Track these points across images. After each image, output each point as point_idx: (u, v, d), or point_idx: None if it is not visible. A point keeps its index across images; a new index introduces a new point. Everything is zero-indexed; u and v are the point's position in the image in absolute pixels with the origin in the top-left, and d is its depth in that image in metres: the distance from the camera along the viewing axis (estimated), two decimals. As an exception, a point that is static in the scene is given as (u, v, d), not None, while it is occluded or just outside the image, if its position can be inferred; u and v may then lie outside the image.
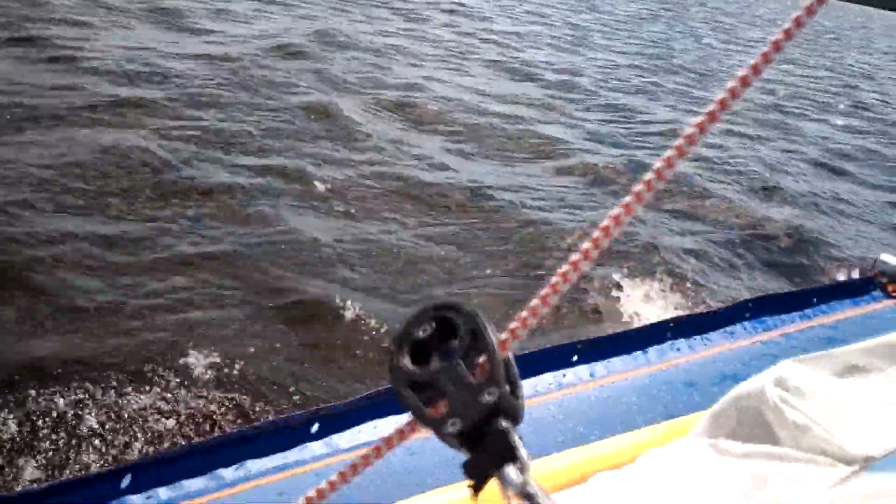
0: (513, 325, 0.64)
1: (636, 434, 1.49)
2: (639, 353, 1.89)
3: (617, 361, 1.85)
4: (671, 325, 1.95)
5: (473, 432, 0.61)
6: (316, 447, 1.54)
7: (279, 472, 1.44)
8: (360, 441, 1.56)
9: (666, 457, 1.19)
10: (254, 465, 1.42)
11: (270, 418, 2.70)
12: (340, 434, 1.58)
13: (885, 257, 2.25)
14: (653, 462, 1.19)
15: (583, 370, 1.81)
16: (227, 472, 1.39)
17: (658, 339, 1.93)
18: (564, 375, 1.79)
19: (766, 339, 1.95)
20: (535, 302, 0.64)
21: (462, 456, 0.62)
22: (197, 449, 1.47)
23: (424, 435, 0.64)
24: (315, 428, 1.55)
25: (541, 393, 1.73)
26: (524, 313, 0.64)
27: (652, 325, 1.96)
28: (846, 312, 2.09)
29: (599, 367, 1.83)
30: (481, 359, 0.62)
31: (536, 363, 1.78)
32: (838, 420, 1.19)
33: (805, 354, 1.47)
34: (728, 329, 1.99)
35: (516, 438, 0.60)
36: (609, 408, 1.71)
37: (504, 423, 0.61)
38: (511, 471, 0.59)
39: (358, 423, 1.59)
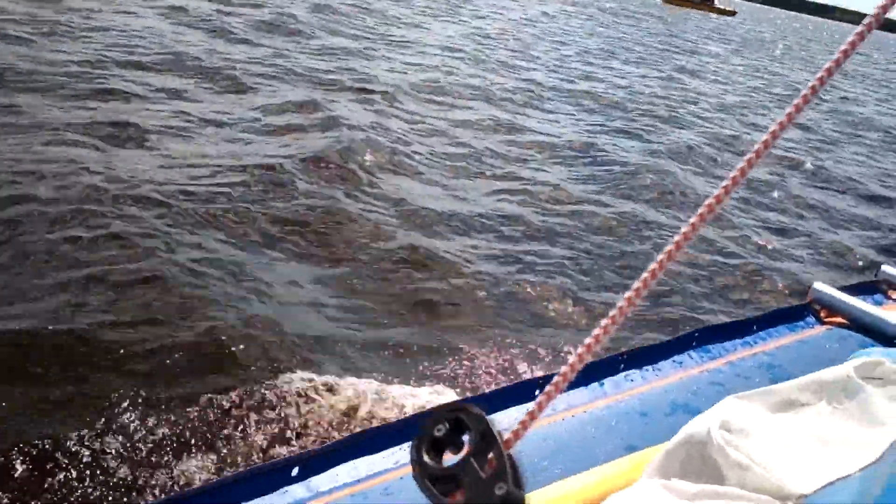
0: (516, 427, 0.77)
1: (598, 471, 1.61)
2: (595, 384, 2.01)
3: (577, 394, 1.97)
4: (624, 356, 2.08)
5: None
6: (297, 490, 1.62)
7: None
8: (340, 482, 1.65)
9: (628, 500, 1.31)
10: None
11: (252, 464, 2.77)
12: (320, 476, 1.66)
13: (818, 285, 2.43)
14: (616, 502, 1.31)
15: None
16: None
17: (612, 370, 2.05)
18: (524, 411, 1.89)
19: (712, 368, 2.09)
20: (533, 406, 0.76)
21: None
22: (177, 499, 1.53)
23: None
24: (295, 471, 1.63)
25: (506, 429, 1.83)
26: (525, 417, 0.76)
27: (607, 357, 2.09)
28: (784, 339, 2.25)
29: (559, 401, 1.94)
30: (490, 455, 0.74)
31: (501, 399, 1.88)
32: (776, 458, 1.34)
33: (746, 391, 1.62)
34: (677, 359, 2.13)
35: None
36: (571, 442, 1.82)
37: None
38: None
39: (337, 465, 1.68)
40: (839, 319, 2.34)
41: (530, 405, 0.76)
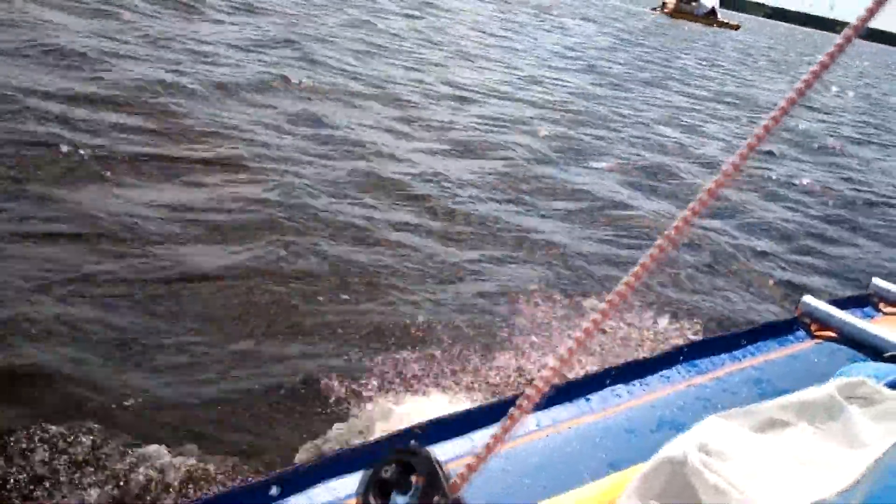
0: (461, 470, 0.75)
1: (579, 492, 1.59)
2: (581, 400, 1.99)
3: (562, 410, 1.94)
4: (612, 372, 2.06)
5: None
6: None
7: None
8: (318, 502, 1.63)
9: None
10: None
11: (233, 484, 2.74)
12: (298, 496, 1.64)
13: (808, 299, 2.41)
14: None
15: (530, 420, 1.90)
16: None
17: (599, 385, 2.03)
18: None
19: (699, 383, 2.07)
20: (481, 450, 0.75)
21: None
22: None
23: None
24: (274, 491, 1.61)
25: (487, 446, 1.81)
26: (472, 460, 0.75)
27: (594, 373, 2.07)
28: (773, 353, 2.23)
29: (544, 417, 1.92)
30: (436, 498, 0.74)
31: (484, 416, 1.87)
32: (755, 481, 1.31)
33: (728, 410, 1.60)
34: (664, 374, 2.11)
35: None
36: (554, 459, 1.80)
37: None
38: None
39: (316, 484, 1.66)
40: (829, 333, 2.31)
41: (481, 448, 0.75)
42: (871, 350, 2.17)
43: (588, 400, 1.99)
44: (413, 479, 0.76)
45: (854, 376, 1.67)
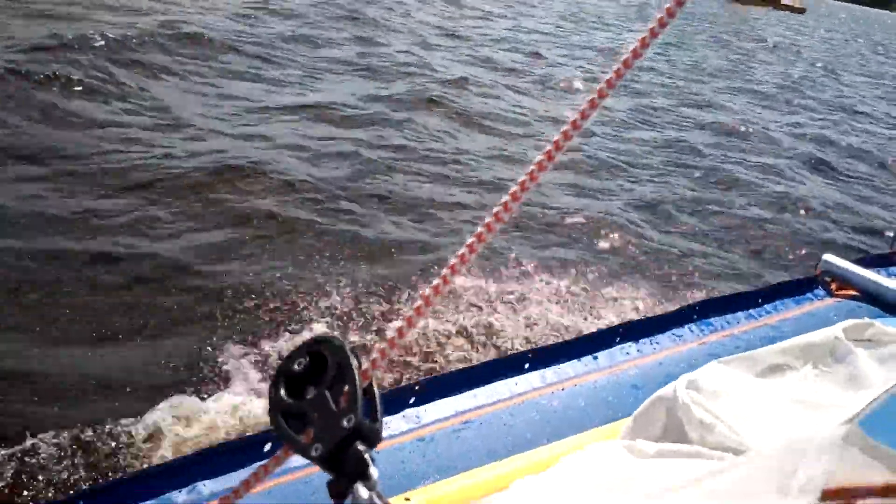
0: (373, 355, 0.73)
1: (580, 437, 1.57)
2: (589, 358, 1.96)
3: (568, 368, 1.92)
4: (620, 329, 2.02)
5: (334, 455, 0.69)
6: None
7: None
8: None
9: (583, 460, 1.27)
10: (206, 487, 1.42)
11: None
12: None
13: (828, 257, 2.32)
14: (570, 466, 1.27)
15: (535, 377, 1.89)
16: (180, 497, 1.40)
17: (608, 343, 1.99)
18: (517, 384, 1.86)
19: (712, 341, 2.00)
20: (392, 333, 0.73)
21: None
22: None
23: None
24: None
25: (494, 402, 1.80)
26: (383, 344, 0.73)
27: (602, 330, 2.03)
28: (790, 311, 2.14)
29: (550, 373, 1.90)
30: (346, 387, 0.70)
31: (491, 372, 1.86)
32: (744, 417, 1.27)
33: (731, 356, 1.55)
34: (676, 332, 2.06)
35: (368, 460, 0.68)
36: (559, 413, 1.77)
37: (361, 447, 0.69)
38: (361, 489, 0.67)
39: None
40: (851, 292, 2.22)
41: (391, 331, 0.73)
42: (894, 308, 2.08)
43: (595, 358, 1.96)
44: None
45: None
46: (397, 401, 1.70)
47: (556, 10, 25.89)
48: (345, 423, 0.69)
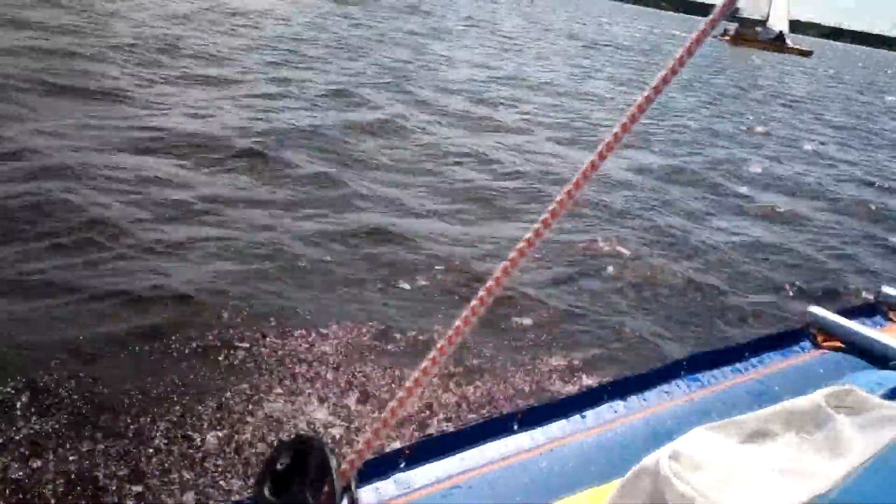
0: (351, 456, 0.77)
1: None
2: (577, 416, 1.97)
3: (555, 427, 1.93)
4: (608, 387, 2.03)
5: None
6: None
7: None
8: None
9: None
10: None
11: None
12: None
13: (814, 309, 2.34)
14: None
15: (524, 438, 1.89)
16: None
17: (596, 401, 2.00)
18: (506, 445, 1.87)
19: (700, 397, 2.01)
20: (369, 435, 0.77)
21: None
22: None
23: None
24: None
25: (483, 464, 1.81)
26: (360, 446, 0.76)
27: (591, 388, 2.05)
28: (777, 364, 2.15)
29: (539, 434, 1.91)
30: (325, 487, 0.74)
31: (480, 433, 1.86)
32: (726, 491, 1.28)
33: (717, 422, 1.56)
34: (664, 388, 2.07)
35: None
36: (547, 475, 1.78)
37: None
38: None
39: None
40: (836, 343, 2.24)
41: (368, 433, 0.76)
42: (881, 359, 2.09)
43: (584, 417, 1.97)
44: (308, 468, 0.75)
45: (852, 385, 1.61)
46: (389, 464, 1.71)
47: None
48: None
